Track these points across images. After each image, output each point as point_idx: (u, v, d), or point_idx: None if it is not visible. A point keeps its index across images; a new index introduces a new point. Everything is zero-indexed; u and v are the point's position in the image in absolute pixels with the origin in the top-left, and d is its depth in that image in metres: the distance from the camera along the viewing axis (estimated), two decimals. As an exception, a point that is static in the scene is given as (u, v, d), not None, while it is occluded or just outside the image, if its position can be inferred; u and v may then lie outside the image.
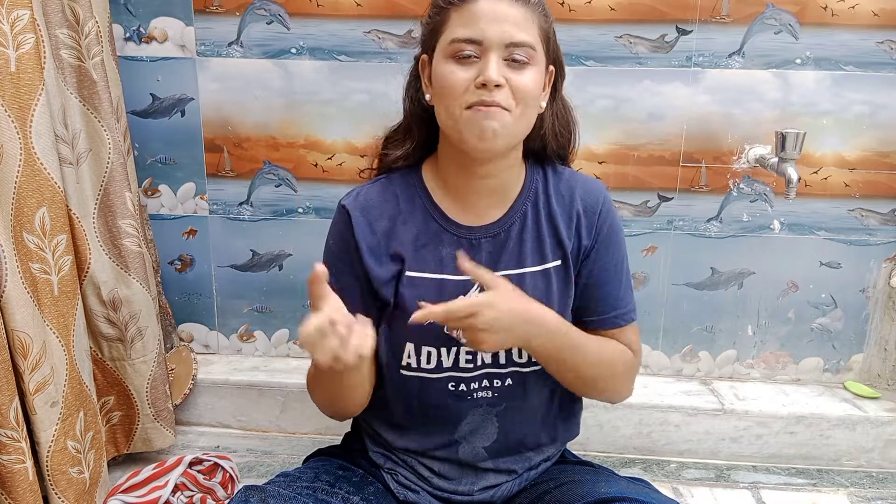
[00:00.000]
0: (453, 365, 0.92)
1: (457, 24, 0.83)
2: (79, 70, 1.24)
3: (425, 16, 0.90)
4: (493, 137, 0.83)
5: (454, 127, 0.85)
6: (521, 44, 0.82)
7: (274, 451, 1.53)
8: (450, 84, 0.83)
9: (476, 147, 0.84)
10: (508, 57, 0.82)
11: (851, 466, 1.49)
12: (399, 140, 0.96)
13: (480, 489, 0.98)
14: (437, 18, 0.87)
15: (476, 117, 0.82)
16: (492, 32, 0.81)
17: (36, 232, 1.13)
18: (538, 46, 0.84)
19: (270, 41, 1.46)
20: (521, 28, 0.82)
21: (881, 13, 1.38)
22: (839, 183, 1.48)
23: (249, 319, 1.65)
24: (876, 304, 1.55)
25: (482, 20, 0.81)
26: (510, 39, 0.82)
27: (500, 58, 0.82)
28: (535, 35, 0.84)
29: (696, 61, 1.43)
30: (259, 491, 0.82)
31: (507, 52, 0.82)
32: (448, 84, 0.83)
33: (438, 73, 0.85)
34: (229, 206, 1.57)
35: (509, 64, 0.82)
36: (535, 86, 0.84)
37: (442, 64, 0.85)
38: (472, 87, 0.82)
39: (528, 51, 0.83)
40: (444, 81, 0.84)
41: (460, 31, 0.83)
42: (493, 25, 0.81)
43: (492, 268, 0.90)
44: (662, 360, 1.62)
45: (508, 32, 0.81)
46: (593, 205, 0.94)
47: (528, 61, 0.83)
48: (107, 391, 1.38)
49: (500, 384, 0.94)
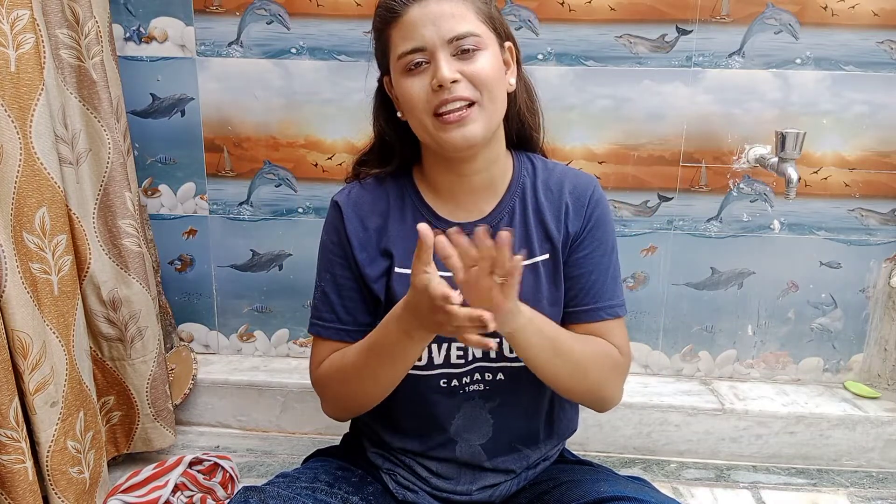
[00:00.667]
0: (445, 361, 0.92)
1: (398, 40, 0.85)
2: (78, 70, 1.24)
3: (371, 42, 0.92)
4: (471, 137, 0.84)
5: (429, 137, 0.87)
6: (462, 35, 0.83)
7: (274, 451, 1.53)
8: (410, 97, 0.85)
9: (457, 150, 0.86)
10: (456, 51, 0.83)
11: (851, 466, 1.49)
12: (375, 159, 0.98)
13: (479, 489, 0.98)
14: (380, 41, 0.89)
15: (447, 129, 0.84)
16: (430, 35, 0.82)
17: (36, 232, 1.13)
18: (483, 31, 0.85)
19: (270, 41, 1.46)
20: (457, 20, 0.83)
21: (881, 13, 1.38)
22: (839, 183, 1.48)
23: (249, 319, 1.65)
24: (876, 304, 1.55)
25: (418, 27, 0.83)
26: (450, 34, 0.83)
27: (448, 55, 0.83)
28: (475, 20, 0.85)
29: (696, 61, 1.43)
30: (258, 491, 0.82)
31: (452, 48, 0.83)
32: (409, 97, 0.85)
33: (399, 90, 0.87)
34: (229, 205, 1.57)
35: (459, 56, 0.83)
36: (492, 69, 0.85)
37: (400, 80, 0.86)
38: (430, 92, 0.83)
39: (473, 39, 0.83)
40: (406, 96, 0.85)
41: (403, 45, 0.84)
42: (429, 28, 0.82)
43: None
44: (662, 360, 1.61)
45: (445, 29, 0.82)
46: (582, 195, 0.95)
47: (476, 47, 0.84)
48: (107, 391, 1.38)
49: (491, 378, 0.94)
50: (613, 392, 0.95)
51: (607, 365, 0.92)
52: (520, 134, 0.97)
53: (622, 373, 0.95)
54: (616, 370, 0.94)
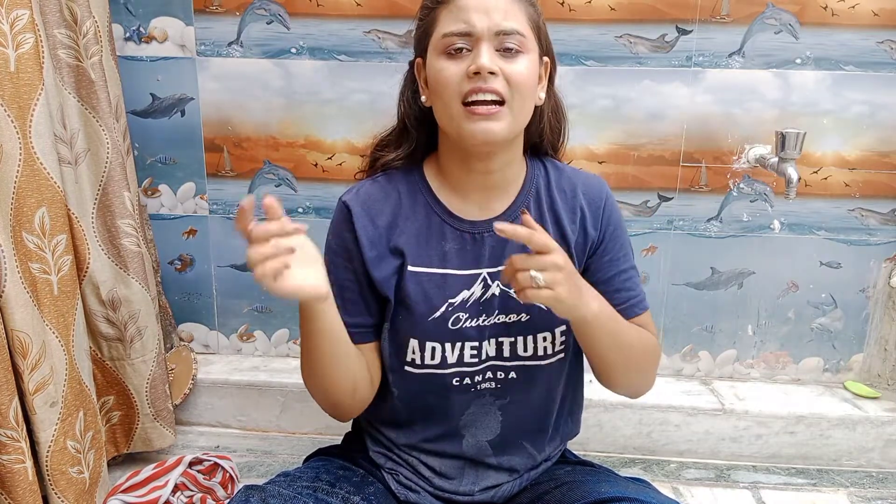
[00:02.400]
0: (458, 360, 0.92)
1: (446, 20, 0.84)
2: (77, 70, 1.24)
3: (416, 19, 0.91)
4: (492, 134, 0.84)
5: (452, 124, 0.85)
6: (510, 31, 0.83)
7: (274, 450, 1.53)
8: (444, 78, 0.84)
9: (476, 144, 0.85)
10: (500, 46, 0.83)
11: (851, 466, 1.49)
12: (393, 144, 0.97)
13: (481, 489, 0.98)
14: (427, 19, 0.88)
15: (473, 120, 0.83)
16: (480, 22, 0.82)
17: (35, 232, 1.13)
18: (528, 34, 0.85)
19: (270, 41, 1.46)
20: (509, 16, 0.83)
21: (881, 13, 1.38)
22: (839, 183, 1.48)
23: (249, 319, 1.65)
24: (876, 304, 1.55)
25: (470, 12, 0.83)
26: (499, 28, 0.82)
27: (491, 47, 0.83)
28: (524, 23, 0.85)
29: (696, 61, 1.43)
30: (259, 490, 0.82)
31: (497, 42, 0.83)
32: (443, 78, 0.84)
33: (433, 71, 0.86)
34: (229, 205, 1.57)
35: (501, 54, 0.83)
36: (528, 74, 0.85)
37: (435, 61, 0.85)
38: (465, 78, 0.83)
39: (518, 38, 0.83)
40: (439, 76, 0.84)
41: (450, 25, 0.84)
42: (481, 16, 0.82)
43: (496, 262, 0.91)
44: (662, 360, 1.61)
45: (496, 21, 0.82)
46: (596, 199, 0.95)
47: (519, 49, 0.84)
48: (106, 391, 1.38)
49: (503, 376, 0.94)
50: (654, 377, 1.00)
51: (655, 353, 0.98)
52: (537, 147, 0.97)
53: (658, 359, 1.01)
54: (657, 357, 0.99)
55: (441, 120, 0.88)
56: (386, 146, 0.97)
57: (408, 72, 0.95)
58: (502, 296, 0.91)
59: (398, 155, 0.95)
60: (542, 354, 0.93)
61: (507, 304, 0.91)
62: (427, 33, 0.87)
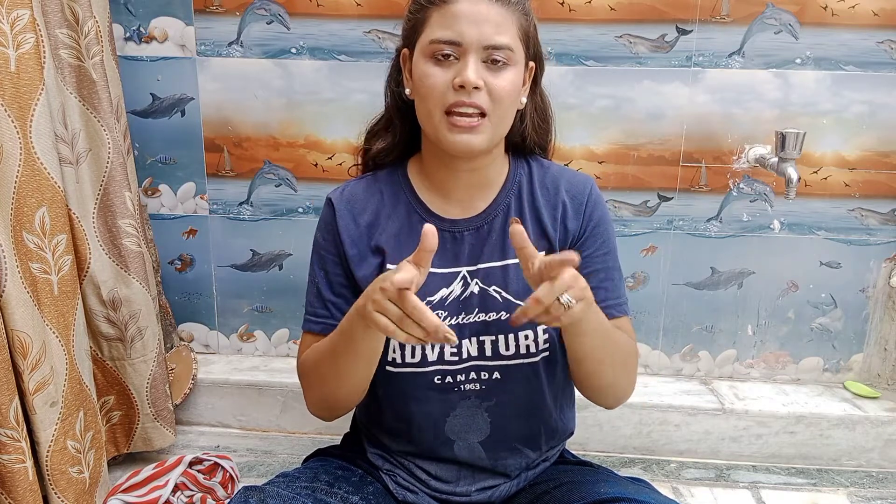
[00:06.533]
0: (438, 358, 0.92)
1: (437, 24, 0.84)
2: (78, 70, 1.24)
3: (406, 10, 0.91)
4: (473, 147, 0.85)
5: (432, 130, 0.87)
6: (499, 46, 0.83)
7: (274, 450, 1.53)
8: (429, 85, 0.84)
9: (455, 153, 0.87)
10: (487, 59, 0.83)
11: (851, 466, 1.49)
12: (381, 132, 0.98)
13: (478, 490, 0.98)
14: (418, 16, 0.88)
15: (454, 132, 0.84)
16: (471, 34, 0.82)
17: (36, 232, 1.13)
18: (517, 47, 0.85)
19: (270, 41, 1.46)
20: (500, 30, 0.83)
21: (881, 13, 1.38)
22: (839, 183, 1.48)
23: (249, 319, 1.65)
24: (876, 304, 1.55)
25: (462, 21, 0.82)
26: (488, 42, 0.82)
27: (478, 59, 0.83)
28: (514, 35, 0.85)
29: (696, 61, 1.43)
30: (258, 491, 0.82)
31: (485, 55, 0.83)
32: (427, 85, 0.84)
33: (418, 72, 0.86)
34: (229, 205, 1.57)
35: (488, 66, 0.84)
36: (512, 88, 0.85)
37: (421, 63, 0.86)
38: (450, 89, 0.83)
39: (506, 53, 0.84)
40: (425, 82, 0.85)
41: (440, 31, 0.84)
42: (472, 27, 0.82)
43: (475, 260, 0.92)
44: (662, 360, 1.62)
45: (487, 34, 0.82)
46: (579, 194, 0.95)
47: (506, 62, 0.84)
48: (107, 391, 1.38)
49: (487, 377, 0.93)
50: (634, 384, 0.97)
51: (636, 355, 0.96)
52: (518, 146, 0.98)
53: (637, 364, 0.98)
54: (637, 360, 0.97)
55: (422, 121, 0.89)
56: (374, 135, 0.98)
57: (394, 59, 0.96)
58: (481, 294, 0.92)
59: (385, 146, 0.96)
60: (526, 353, 0.92)
61: (487, 302, 0.92)
62: (416, 31, 0.88)
